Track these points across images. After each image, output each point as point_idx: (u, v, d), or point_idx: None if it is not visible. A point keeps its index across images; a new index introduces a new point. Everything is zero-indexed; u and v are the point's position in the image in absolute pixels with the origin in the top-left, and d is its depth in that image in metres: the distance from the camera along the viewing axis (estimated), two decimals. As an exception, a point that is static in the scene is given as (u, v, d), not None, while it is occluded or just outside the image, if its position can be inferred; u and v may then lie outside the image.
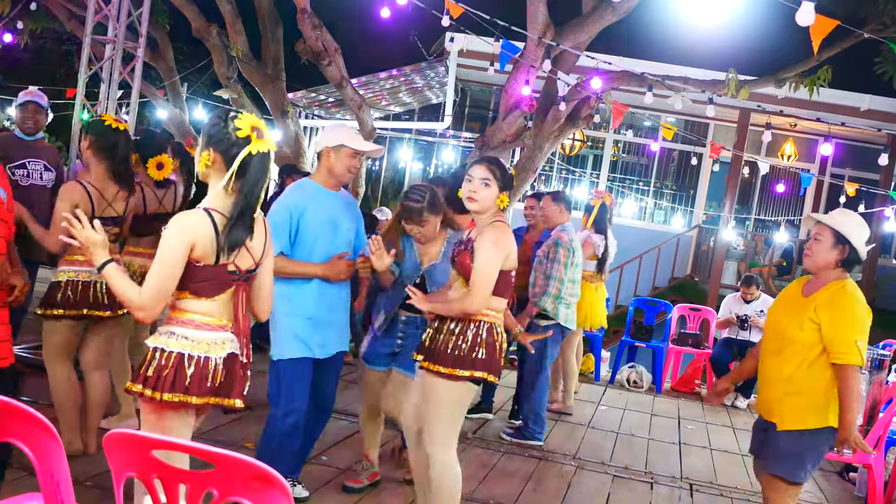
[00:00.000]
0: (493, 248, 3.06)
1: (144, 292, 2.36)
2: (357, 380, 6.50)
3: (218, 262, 2.43)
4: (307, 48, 7.71)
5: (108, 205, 3.81)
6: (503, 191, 3.14)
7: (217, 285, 2.46)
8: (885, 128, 10.83)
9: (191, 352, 2.41)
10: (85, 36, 5.54)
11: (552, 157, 13.69)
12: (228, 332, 2.51)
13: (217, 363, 2.44)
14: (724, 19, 6.30)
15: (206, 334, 2.45)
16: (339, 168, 3.50)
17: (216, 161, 2.45)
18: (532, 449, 5.20)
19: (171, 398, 2.37)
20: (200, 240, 2.39)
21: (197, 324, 2.45)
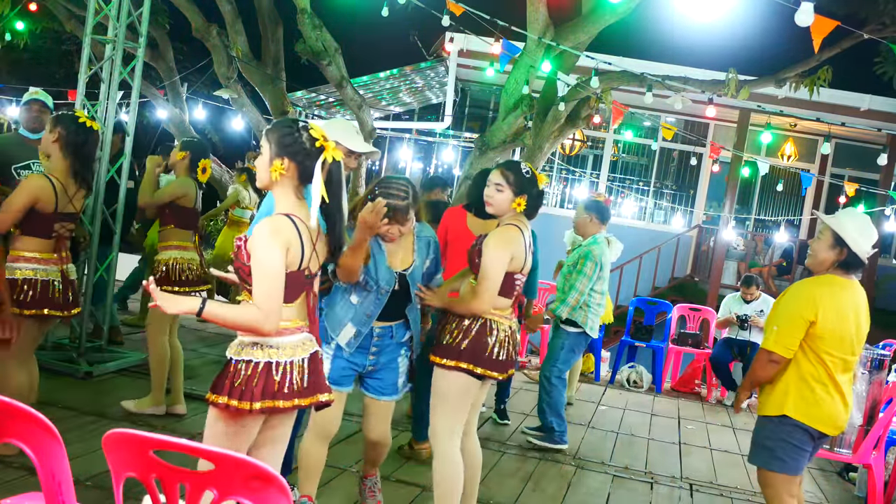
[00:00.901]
0: (497, 250, 3.15)
1: (260, 302, 2.35)
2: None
3: (300, 267, 2.46)
4: (307, 48, 7.71)
5: (69, 201, 3.76)
6: (519, 195, 3.22)
7: (298, 289, 2.49)
8: (885, 128, 10.83)
9: (277, 359, 2.43)
10: (85, 36, 5.54)
11: (552, 157, 13.68)
12: (307, 332, 2.54)
13: (303, 365, 2.48)
14: (724, 19, 6.30)
15: (288, 339, 2.47)
16: None
17: (289, 169, 2.47)
18: (532, 449, 5.20)
19: (263, 406, 2.38)
20: (292, 246, 2.42)
21: (280, 331, 2.45)
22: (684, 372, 8.17)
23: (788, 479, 3.27)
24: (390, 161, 16.13)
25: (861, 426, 4.40)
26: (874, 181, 12.20)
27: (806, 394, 3.23)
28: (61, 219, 3.71)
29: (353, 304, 3.19)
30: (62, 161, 3.73)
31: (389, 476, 4.24)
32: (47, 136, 3.76)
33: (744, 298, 7.68)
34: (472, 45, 10.58)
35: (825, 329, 3.20)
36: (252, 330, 2.38)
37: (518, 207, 3.23)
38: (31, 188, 3.62)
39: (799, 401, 3.23)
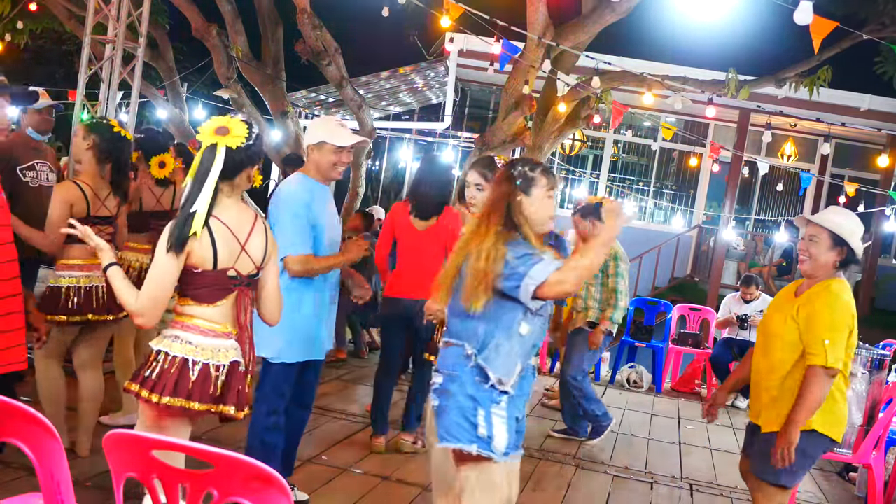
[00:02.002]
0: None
1: (140, 298, 2.38)
2: (356, 380, 6.51)
3: (216, 267, 2.44)
4: (307, 48, 7.71)
5: (102, 204, 3.80)
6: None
7: (218, 291, 2.46)
8: (885, 128, 10.83)
9: (195, 357, 2.42)
10: (85, 36, 5.54)
11: (552, 157, 13.68)
12: (233, 339, 2.50)
13: (221, 370, 2.45)
14: (724, 19, 6.31)
15: (211, 341, 2.46)
16: (323, 164, 3.44)
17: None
18: (532, 449, 5.20)
19: (173, 402, 2.38)
20: (196, 246, 2.41)
21: (202, 330, 2.45)
22: (684, 372, 8.17)
23: (787, 490, 3.24)
24: (390, 161, 16.13)
25: (861, 426, 4.40)
26: (874, 181, 12.21)
27: (832, 405, 3.12)
28: (96, 222, 3.69)
29: (521, 336, 2.64)
30: (94, 167, 3.78)
31: (390, 476, 4.24)
32: (80, 142, 3.81)
33: (743, 298, 7.68)
34: (472, 45, 10.58)
35: (853, 337, 3.13)
36: (129, 314, 2.43)
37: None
38: (63, 197, 3.66)
39: (827, 414, 3.11)
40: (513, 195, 2.66)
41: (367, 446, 4.71)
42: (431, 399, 2.66)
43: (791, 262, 12.80)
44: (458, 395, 2.57)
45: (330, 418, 5.18)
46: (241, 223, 2.52)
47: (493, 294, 2.57)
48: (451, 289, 2.68)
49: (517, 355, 2.62)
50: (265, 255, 2.58)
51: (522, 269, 2.54)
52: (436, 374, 2.66)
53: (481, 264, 2.56)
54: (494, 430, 2.54)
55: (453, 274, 2.68)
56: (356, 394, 6.04)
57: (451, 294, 2.69)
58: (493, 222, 2.66)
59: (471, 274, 2.58)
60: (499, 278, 2.56)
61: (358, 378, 6.58)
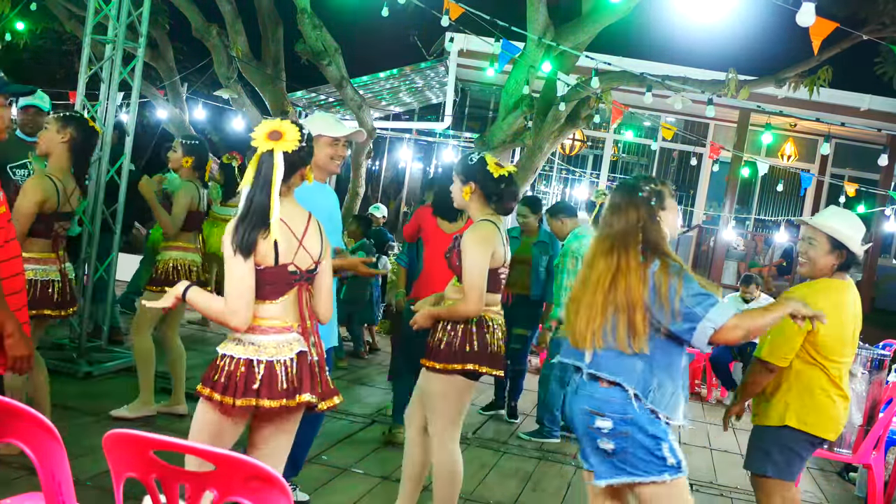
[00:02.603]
0: (477, 249, 3.14)
1: (228, 300, 2.43)
2: (358, 380, 6.51)
3: (277, 263, 2.47)
4: (307, 48, 7.71)
5: (67, 200, 3.76)
6: (466, 182, 3.24)
7: (279, 287, 2.50)
8: (885, 128, 10.83)
9: (258, 357, 2.45)
10: (85, 36, 5.54)
11: (552, 157, 13.68)
12: (294, 332, 2.53)
13: (286, 365, 2.47)
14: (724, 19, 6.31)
15: (272, 338, 2.48)
16: (321, 158, 3.45)
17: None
18: (533, 449, 5.20)
19: (244, 403, 2.41)
20: (259, 244, 2.45)
21: (263, 329, 2.48)
22: (684, 372, 8.16)
23: (783, 484, 3.23)
24: (390, 161, 16.13)
25: (861, 426, 4.40)
26: (874, 181, 12.20)
27: (807, 401, 3.16)
28: (60, 218, 3.72)
29: (683, 370, 2.70)
30: (65, 161, 3.74)
31: (390, 476, 4.24)
32: (53, 135, 3.74)
33: (743, 298, 7.67)
34: (472, 45, 10.57)
35: (826, 336, 3.12)
36: (220, 322, 2.46)
37: (466, 195, 3.24)
38: (38, 190, 3.61)
39: (800, 409, 3.17)
40: (650, 216, 2.66)
41: (368, 446, 4.71)
42: (602, 443, 2.61)
43: (791, 262, 12.79)
44: (637, 435, 2.58)
45: (330, 418, 5.18)
46: (296, 220, 2.57)
47: (656, 333, 2.57)
48: (603, 331, 2.61)
49: (680, 392, 2.65)
50: (321, 250, 2.63)
51: (699, 310, 2.51)
52: (600, 419, 2.60)
53: (645, 302, 2.55)
54: (678, 455, 2.62)
55: (601, 315, 2.62)
56: (356, 394, 6.04)
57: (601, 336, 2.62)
58: (631, 254, 2.62)
59: (631, 313, 2.56)
60: (668, 317, 2.53)
61: (358, 378, 6.58)
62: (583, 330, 2.64)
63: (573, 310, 2.70)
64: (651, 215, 2.66)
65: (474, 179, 3.22)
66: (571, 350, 2.72)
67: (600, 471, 2.64)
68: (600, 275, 2.64)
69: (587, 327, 2.63)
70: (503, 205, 3.28)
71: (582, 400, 2.66)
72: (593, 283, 2.64)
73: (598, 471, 2.66)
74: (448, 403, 3.25)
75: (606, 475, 2.63)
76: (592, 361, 2.64)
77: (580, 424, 2.68)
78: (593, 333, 2.63)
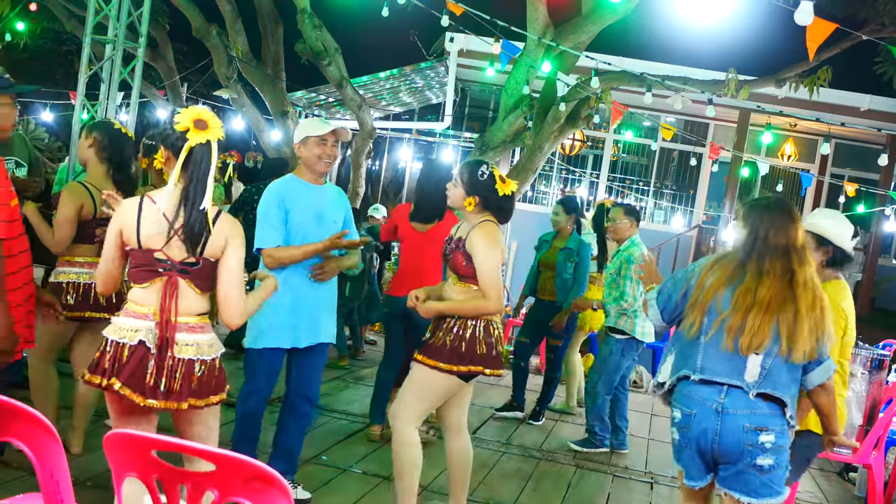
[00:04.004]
0: (489, 249, 3.19)
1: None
2: (358, 379, 6.51)
3: (140, 246, 2.48)
4: (307, 48, 7.71)
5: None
6: (470, 195, 3.27)
7: (145, 272, 2.49)
8: (885, 128, 10.82)
9: (112, 337, 2.49)
10: (85, 36, 5.54)
11: (552, 157, 13.68)
12: (150, 320, 2.46)
13: (129, 348, 2.45)
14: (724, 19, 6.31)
15: (127, 321, 2.50)
16: (310, 158, 3.56)
17: (167, 157, 2.61)
18: (532, 449, 5.20)
19: (91, 379, 2.48)
20: (125, 225, 2.52)
21: (127, 311, 2.52)
22: (684, 372, 8.13)
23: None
24: (390, 161, 16.13)
25: (861, 426, 4.40)
26: (874, 181, 12.20)
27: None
28: (101, 223, 3.69)
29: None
30: (98, 167, 3.76)
31: (390, 476, 4.24)
32: (82, 142, 3.81)
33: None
34: (472, 45, 10.58)
35: (846, 338, 3.18)
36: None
37: (468, 207, 3.27)
38: (74, 196, 3.65)
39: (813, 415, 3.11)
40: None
41: (368, 446, 4.71)
42: (761, 459, 2.67)
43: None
44: (787, 450, 2.71)
45: (330, 418, 5.19)
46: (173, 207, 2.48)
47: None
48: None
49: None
50: (203, 246, 2.49)
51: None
52: (765, 433, 2.66)
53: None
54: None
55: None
56: (356, 394, 6.04)
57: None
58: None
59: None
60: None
61: (358, 378, 6.59)
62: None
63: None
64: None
65: (481, 195, 3.27)
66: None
67: (760, 489, 2.70)
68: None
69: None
70: (504, 216, 3.36)
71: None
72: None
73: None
74: (434, 398, 3.30)
75: (761, 494, 2.71)
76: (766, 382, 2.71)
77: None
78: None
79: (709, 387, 2.71)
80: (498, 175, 3.29)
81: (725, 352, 2.69)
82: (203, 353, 2.49)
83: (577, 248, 5.76)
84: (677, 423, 2.79)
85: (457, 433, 3.46)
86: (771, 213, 2.79)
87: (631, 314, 5.19)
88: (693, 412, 2.72)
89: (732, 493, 2.72)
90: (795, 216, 2.78)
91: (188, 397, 2.45)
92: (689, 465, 2.80)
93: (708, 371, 2.72)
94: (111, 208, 2.92)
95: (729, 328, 2.69)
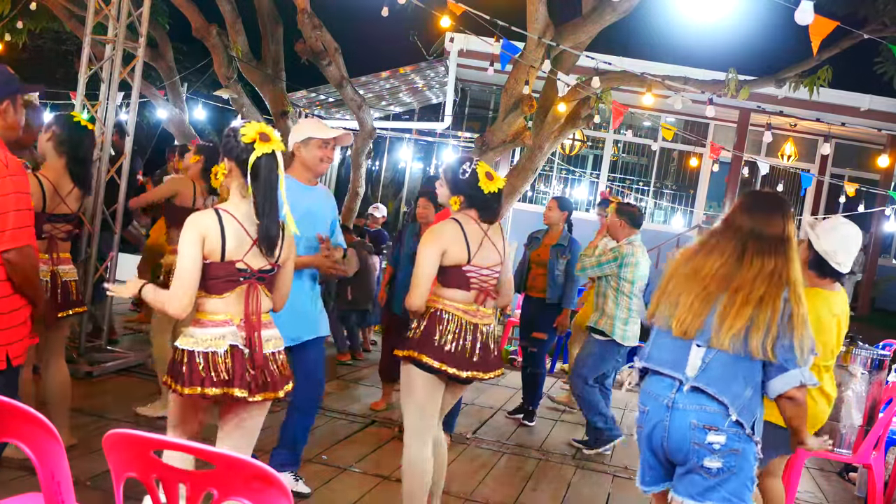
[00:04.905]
0: (423, 244, 3.20)
1: (171, 288, 2.57)
2: (359, 379, 6.51)
3: (224, 258, 2.58)
4: (307, 48, 7.71)
5: (62, 201, 3.68)
6: (454, 194, 3.28)
7: (226, 282, 2.60)
8: (885, 128, 10.83)
9: (196, 348, 2.56)
10: (85, 36, 5.54)
11: (552, 157, 13.68)
12: (231, 326, 2.61)
13: (221, 356, 2.56)
14: (724, 19, 6.31)
15: (209, 331, 2.59)
16: (310, 160, 3.58)
17: (231, 170, 2.67)
18: (532, 449, 5.20)
19: (191, 392, 2.53)
20: (209, 237, 2.57)
21: (201, 321, 2.60)
22: (684, 372, 8.16)
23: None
24: (390, 161, 16.13)
25: (861, 426, 4.40)
26: (874, 181, 12.20)
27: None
28: (52, 219, 3.64)
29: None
30: (57, 160, 3.66)
31: (390, 476, 4.24)
32: (42, 135, 3.70)
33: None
34: (472, 45, 10.58)
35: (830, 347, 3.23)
36: (160, 310, 2.62)
37: (454, 205, 3.28)
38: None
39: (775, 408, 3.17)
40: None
41: (368, 446, 4.72)
42: (709, 460, 2.47)
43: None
44: (744, 457, 2.51)
45: (330, 418, 5.19)
46: (251, 220, 2.64)
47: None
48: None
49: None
50: (280, 253, 2.71)
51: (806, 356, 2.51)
52: (713, 433, 2.48)
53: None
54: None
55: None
56: (356, 394, 6.04)
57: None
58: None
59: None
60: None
61: (358, 378, 6.59)
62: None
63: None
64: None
65: (464, 194, 3.25)
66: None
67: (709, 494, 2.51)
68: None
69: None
70: (489, 215, 3.28)
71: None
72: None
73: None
74: (407, 396, 3.27)
75: (715, 500, 2.52)
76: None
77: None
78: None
79: (662, 381, 2.59)
80: (483, 172, 3.24)
81: (673, 341, 2.56)
82: (278, 345, 2.74)
83: (569, 245, 5.78)
84: (636, 421, 2.69)
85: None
86: (749, 199, 2.72)
87: (611, 316, 5.18)
88: (647, 409, 2.61)
89: (676, 495, 2.56)
90: (777, 206, 2.63)
91: (282, 385, 2.71)
92: (642, 466, 2.68)
93: (655, 360, 2.63)
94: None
95: (667, 304, 2.58)
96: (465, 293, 3.21)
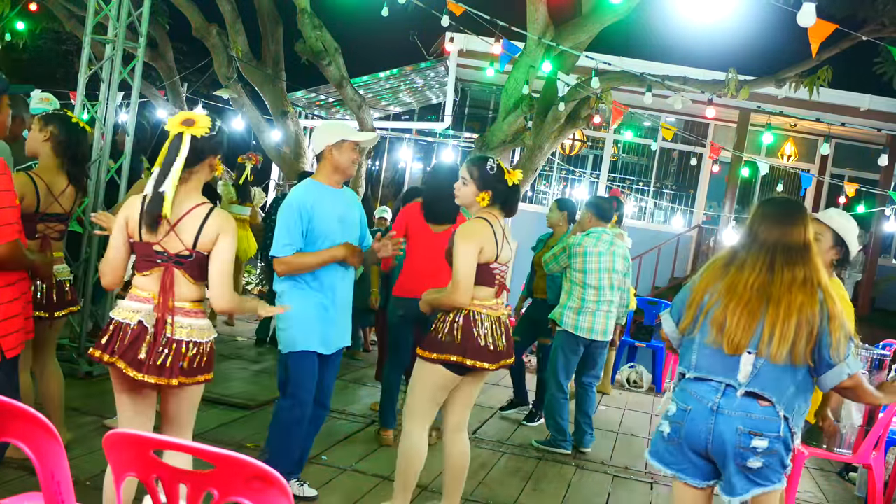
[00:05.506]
0: (464, 243, 3.25)
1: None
2: (359, 380, 6.51)
3: (141, 238, 2.67)
4: (307, 48, 7.71)
5: (55, 200, 3.64)
6: (483, 189, 3.36)
7: (144, 262, 2.69)
8: (885, 128, 10.82)
9: (116, 317, 2.68)
10: (85, 36, 5.54)
11: (552, 157, 13.68)
12: (150, 305, 2.67)
13: (130, 329, 2.63)
14: (724, 19, 6.31)
15: (130, 304, 2.69)
16: (344, 162, 3.58)
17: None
18: (532, 449, 5.20)
19: (92, 352, 2.66)
20: (130, 218, 2.70)
21: (131, 296, 2.72)
22: (684, 372, 8.15)
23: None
24: (390, 161, 16.13)
25: (861, 426, 4.39)
26: (874, 181, 12.20)
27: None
28: (46, 219, 3.61)
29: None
30: (51, 160, 3.64)
31: (390, 476, 4.24)
32: (36, 134, 3.66)
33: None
34: (472, 45, 10.58)
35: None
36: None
37: (482, 202, 3.35)
38: (16, 186, 3.57)
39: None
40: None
41: (368, 446, 4.72)
42: (751, 461, 2.59)
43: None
44: (781, 454, 2.63)
45: (330, 418, 5.18)
46: (183, 205, 2.67)
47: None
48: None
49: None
50: (197, 240, 2.67)
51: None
52: (758, 438, 2.59)
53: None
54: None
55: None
56: (356, 394, 6.04)
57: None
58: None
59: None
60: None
61: (358, 378, 6.59)
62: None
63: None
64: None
65: (493, 188, 3.35)
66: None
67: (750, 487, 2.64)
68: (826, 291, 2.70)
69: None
70: (511, 208, 3.44)
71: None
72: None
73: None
74: (421, 389, 3.35)
75: (755, 487, 2.64)
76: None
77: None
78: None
79: (705, 384, 2.66)
80: (504, 167, 3.40)
81: (719, 349, 2.63)
82: (195, 335, 2.69)
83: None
84: (670, 417, 2.73)
85: (457, 434, 3.51)
86: (769, 208, 2.75)
87: (561, 305, 5.24)
88: (689, 408, 2.66)
89: (724, 495, 2.67)
90: (797, 214, 2.69)
91: (179, 375, 2.64)
92: (680, 463, 2.73)
93: (702, 369, 2.68)
94: (102, 229, 3.07)
95: (712, 322, 2.64)
96: (489, 289, 3.35)
